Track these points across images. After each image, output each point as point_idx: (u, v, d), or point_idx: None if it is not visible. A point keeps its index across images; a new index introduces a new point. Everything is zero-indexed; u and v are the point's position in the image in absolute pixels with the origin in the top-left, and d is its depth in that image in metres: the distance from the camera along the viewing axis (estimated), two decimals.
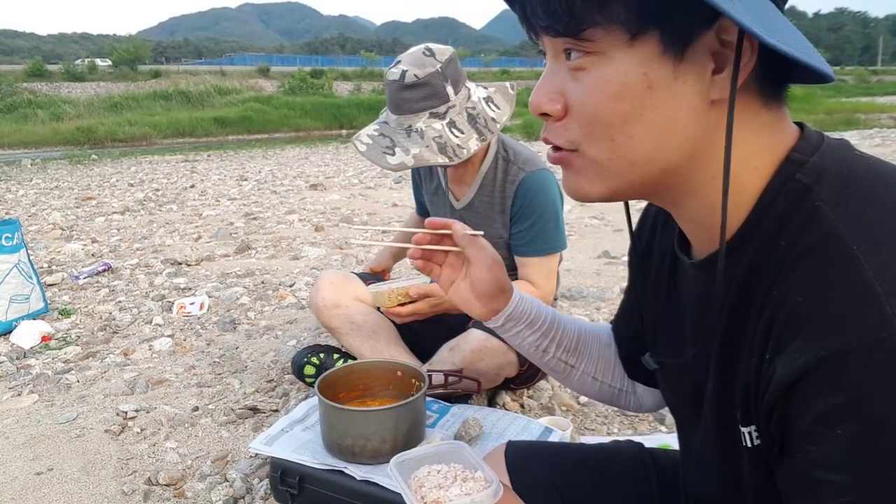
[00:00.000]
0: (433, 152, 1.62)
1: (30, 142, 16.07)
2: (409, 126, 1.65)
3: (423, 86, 1.62)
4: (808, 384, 0.47)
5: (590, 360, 0.89)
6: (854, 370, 0.45)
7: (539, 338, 0.88)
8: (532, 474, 0.80)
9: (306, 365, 1.97)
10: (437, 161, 1.62)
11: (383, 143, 1.66)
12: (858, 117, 18.27)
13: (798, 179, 0.53)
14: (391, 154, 1.64)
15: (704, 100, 0.52)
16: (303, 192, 6.72)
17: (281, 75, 31.23)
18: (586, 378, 0.90)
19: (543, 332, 0.88)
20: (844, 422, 0.46)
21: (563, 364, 0.90)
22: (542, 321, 0.88)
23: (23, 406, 2.07)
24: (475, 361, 1.68)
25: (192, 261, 3.84)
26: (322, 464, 1.36)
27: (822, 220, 0.50)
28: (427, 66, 1.63)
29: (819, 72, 0.50)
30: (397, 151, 1.64)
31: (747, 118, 0.53)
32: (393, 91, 1.65)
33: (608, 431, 1.84)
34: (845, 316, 0.46)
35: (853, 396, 0.45)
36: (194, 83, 26.08)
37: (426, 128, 1.64)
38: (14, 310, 2.73)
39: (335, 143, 14.58)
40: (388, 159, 1.64)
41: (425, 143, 1.62)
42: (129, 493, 1.57)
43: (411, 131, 1.64)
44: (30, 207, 6.13)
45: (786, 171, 0.54)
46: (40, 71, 28.82)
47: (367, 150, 1.67)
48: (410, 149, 1.62)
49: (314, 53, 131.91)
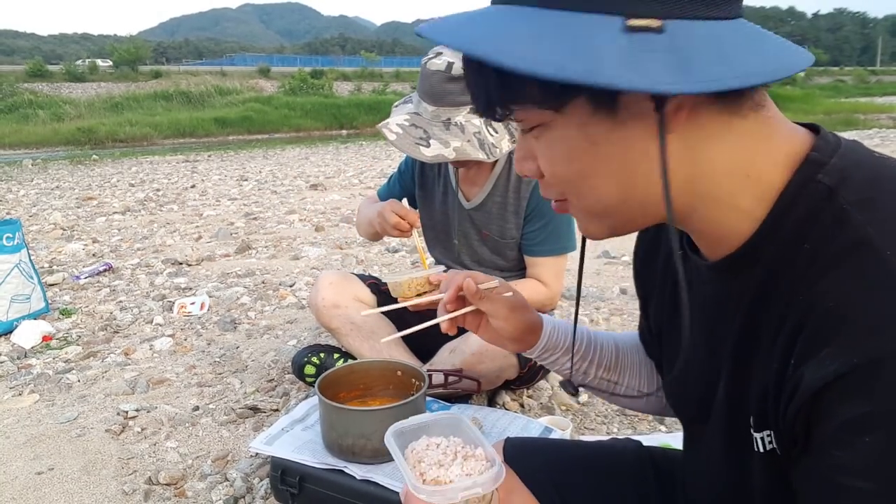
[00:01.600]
0: (474, 147, 1.62)
1: (31, 142, 16.08)
2: (447, 119, 1.63)
3: None
4: (839, 390, 0.47)
5: (632, 374, 0.89)
6: (886, 378, 0.44)
7: (577, 361, 0.89)
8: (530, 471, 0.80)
9: (306, 365, 1.98)
10: (477, 156, 1.61)
11: (416, 133, 1.64)
12: (857, 117, 18.28)
13: (820, 181, 0.52)
14: (425, 145, 1.61)
15: (655, 136, 0.52)
16: (303, 192, 6.73)
17: (281, 76, 31.25)
18: (631, 392, 0.89)
19: (581, 355, 0.88)
20: (875, 430, 0.45)
21: (606, 382, 0.89)
22: (578, 346, 0.88)
23: (23, 406, 2.07)
24: (475, 364, 1.69)
25: (193, 261, 3.84)
26: (322, 463, 1.36)
27: (852, 224, 0.49)
28: None
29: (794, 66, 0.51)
30: (433, 143, 1.61)
31: (715, 131, 0.53)
32: (436, 82, 1.62)
33: (608, 431, 1.84)
34: (879, 323, 0.45)
35: (885, 405, 0.45)
36: (195, 83, 26.08)
37: (466, 122, 1.63)
38: (15, 310, 2.73)
39: (335, 144, 14.59)
40: (423, 150, 1.61)
41: (466, 138, 1.61)
42: (130, 493, 1.57)
43: (450, 124, 1.62)
44: (31, 207, 6.13)
45: (806, 172, 0.53)
46: (41, 71, 28.82)
47: (397, 140, 1.64)
48: (451, 142, 1.61)
49: (314, 54, 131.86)
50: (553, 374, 2.08)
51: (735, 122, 0.53)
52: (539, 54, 0.47)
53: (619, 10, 0.47)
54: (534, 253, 1.82)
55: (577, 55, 0.47)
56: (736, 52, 0.49)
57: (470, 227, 1.92)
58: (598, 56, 0.46)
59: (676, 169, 0.53)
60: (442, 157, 1.60)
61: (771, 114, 0.55)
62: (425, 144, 1.61)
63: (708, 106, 0.52)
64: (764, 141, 0.54)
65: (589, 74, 0.46)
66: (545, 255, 1.81)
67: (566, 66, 0.46)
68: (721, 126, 0.53)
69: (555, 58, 0.47)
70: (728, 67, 0.48)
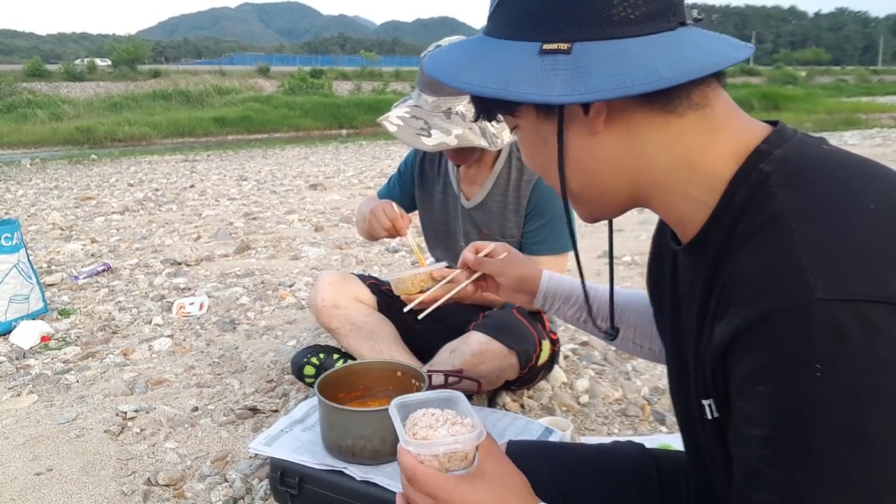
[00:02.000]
0: (476, 134, 1.61)
1: (29, 142, 16.06)
2: (448, 108, 1.62)
3: None
4: (739, 345, 0.53)
5: (628, 327, 0.99)
6: (775, 332, 0.50)
7: (577, 310, 1.05)
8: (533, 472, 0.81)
9: (306, 365, 1.97)
10: (480, 143, 1.61)
11: (416, 124, 1.63)
12: (859, 117, 18.28)
13: (760, 169, 0.58)
14: (426, 135, 1.61)
15: (591, 133, 0.62)
16: (302, 192, 6.72)
17: (281, 75, 31.23)
18: (628, 342, 1.01)
19: (580, 305, 1.04)
20: (766, 380, 0.50)
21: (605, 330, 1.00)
22: (578, 296, 1.05)
23: (22, 406, 2.06)
24: (476, 364, 1.68)
25: (192, 261, 3.83)
26: (322, 464, 1.35)
27: (773, 203, 0.55)
28: None
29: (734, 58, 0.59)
30: (434, 133, 1.60)
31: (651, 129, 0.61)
32: None
33: (609, 432, 1.84)
34: (772, 284, 0.51)
35: (774, 357, 0.50)
36: (194, 83, 26.08)
37: (467, 111, 1.62)
38: (13, 310, 2.73)
39: (335, 143, 14.58)
40: (424, 140, 1.60)
41: (468, 125, 1.61)
42: (129, 494, 1.57)
43: (451, 113, 1.62)
44: (29, 207, 6.12)
45: (752, 162, 0.59)
46: (39, 71, 28.81)
47: (398, 131, 1.63)
48: (452, 129, 1.60)
49: (314, 53, 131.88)
50: (553, 374, 2.07)
51: (673, 121, 0.60)
52: (473, 76, 0.61)
53: (537, 38, 0.59)
54: (534, 252, 1.82)
55: (496, 75, 0.60)
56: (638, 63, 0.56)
57: (470, 227, 1.91)
58: (511, 75, 0.59)
59: (619, 161, 0.63)
60: (444, 144, 1.59)
61: (716, 112, 0.61)
62: (426, 134, 1.61)
63: (637, 108, 0.60)
64: (706, 136, 0.60)
65: (501, 90, 0.59)
66: (545, 253, 1.81)
67: (487, 85, 0.60)
68: (657, 124, 0.60)
69: (482, 78, 0.61)
70: (625, 77, 0.56)
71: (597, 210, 0.70)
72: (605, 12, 0.57)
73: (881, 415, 0.47)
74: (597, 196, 0.67)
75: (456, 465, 0.68)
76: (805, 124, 16.13)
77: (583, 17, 0.57)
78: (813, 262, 0.50)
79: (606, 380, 2.16)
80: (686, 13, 0.60)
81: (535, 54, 0.59)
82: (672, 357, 0.76)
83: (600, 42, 0.57)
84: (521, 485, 0.68)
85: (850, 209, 0.52)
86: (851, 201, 0.53)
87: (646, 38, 0.57)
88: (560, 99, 0.57)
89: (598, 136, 0.62)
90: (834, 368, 0.47)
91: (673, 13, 0.58)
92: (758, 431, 0.52)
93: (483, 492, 0.65)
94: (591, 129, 0.61)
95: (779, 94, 23.57)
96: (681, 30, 0.59)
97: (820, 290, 0.48)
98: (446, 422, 0.71)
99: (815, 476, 0.49)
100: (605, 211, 0.70)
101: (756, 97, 22.70)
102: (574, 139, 0.63)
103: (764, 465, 0.51)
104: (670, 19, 0.58)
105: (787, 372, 0.49)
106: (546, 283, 1.08)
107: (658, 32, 0.58)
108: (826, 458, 0.48)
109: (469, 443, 0.68)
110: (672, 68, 0.56)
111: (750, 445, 0.53)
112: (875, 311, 0.47)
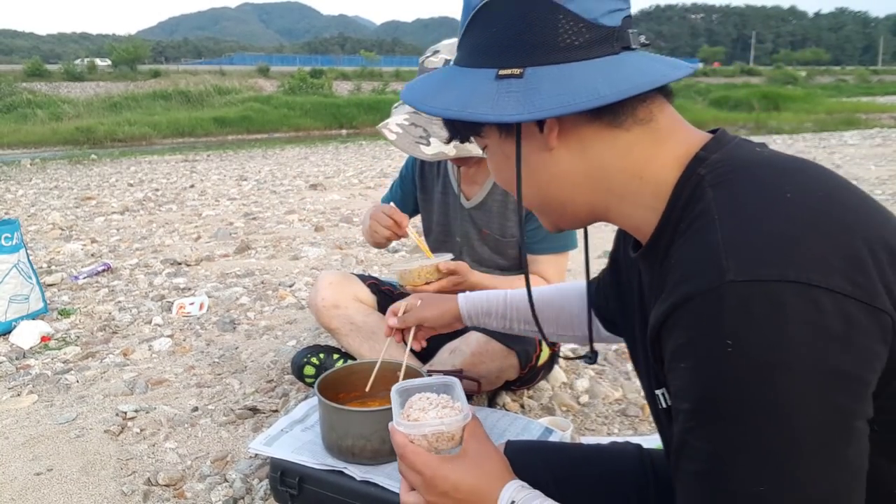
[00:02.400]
0: (473, 143, 1.61)
1: (29, 142, 16.03)
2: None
3: None
4: (667, 327, 0.58)
5: (549, 323, 1.10)
6: (693, 313, 0.55)
7: (499, 321, 1.18)
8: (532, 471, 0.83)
9: (306, 365, 1.97)
10: (479, 153, 1.60)
11: (416, 132, 1.63)
12: (859, 117, 18.27)
13: (698, 173, 0.63)
14: (426, 144, 1.61)
15: (546, 149, 0.68)
16: (303, 192, 6.72)
17: (280, 75, 31.19)
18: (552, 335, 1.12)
19: (500, 316, 1.17)
20: (688, 356, 0.55)
21: (529, 331, 1.17)
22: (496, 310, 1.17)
23: (22, 406, 2.06)
24: (476, 364, 1.68)
25: (192, 261, 3.83)
26: (322, 464, 1.35)
27: (703, 200, 0.60)
28: None
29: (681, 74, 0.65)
30: (433, 141, 1.60)
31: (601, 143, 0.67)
32: None
33: (608, 432, 1.84)
34: (693, 269, 0.56)
35: (692, 335, 0.55)
36: (194, 83, 26.05)
37: None
38: (13, 310, 2.73)
39: (335, 143, 14.57)
40: (423, 149, 1.60)
41: None
42: (129, 494, 1.57)
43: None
44: (29, 207, 6.12)
45: (690, 168, 0.64)
46: (39, 71, 28.77)
47: (398, 140, 1.62)
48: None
49: (314, 53, 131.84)
50: (553, 374, 2.08)
51: (620, 135, 0.66)
52: (437, 101, 0.69)
53: (494, 65, 0.66)
54: (535, 251, 1.82)
55: (458, 99, 0.67)
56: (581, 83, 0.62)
57: (470, 227, 1.91)
58: (471, 98, 0.66)
59: (574, 174, 0.69)
60: (443, 154, 1.59)
61: (661, 125, 0.67)
62: (426, 143, 1.60)
63: (587, 125, 0.66)
64: (652, 147, 0.66)
65: (460, 112, 0.66)
66: (546, 252, 1.81)
67: (449, 107, 0.67)
68: (607, 139, 0.66)
69: (445, 102, 0.68)
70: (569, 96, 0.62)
71: (559, 220, 0.76)
72: (552, 40, 0.63)
73: (789, 387, 0.50)
74: (557, 207, 0.73)
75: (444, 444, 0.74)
76: (805, 124, 16.14)
77: (533, 44, 0.64)
78: (728, 248, 0.54)
79: (606, 380, 2.16)
80: (632, 39, 0.66)
81: (493, 79, 0.66)
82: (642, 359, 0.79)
83: (549, 66, 0.64)
84: (499, 464, 0.74)
85: (767, 199, 0.57)
86: (770, 192, 0.58)
87: (590, 61, 0.64)
88: (512, 118, 0.64)
89: (554, 152, 0.68)
90: (744, 344, 0.51)
91: (616, 39, 0.65)
92: (684, 405, 0.56)
93: (463, 471, 0.72)
94: (546, 146, 0.68)
95: (779, 95, 23.51)
96: (624, 53, 0.65)
97: (732, 272, 0.52)
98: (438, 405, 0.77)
99: (732, 443, 0.53)
100: (568, 222, 0.76)
101: (756, 97, 22.68)
102: (532, 155, 0.69)
103: (690, 436, 0.56)
104: (614, 44, 0.65)
105: (703, 349, 0.54)
106: (464, 305, 1.20)
107: (602, 56, 0.64)
108: (740, 427, 0.52)
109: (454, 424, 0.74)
110: (611, 87, 0.62)
111: (679, 419, 0.57)
112: (783, 289, 0.51)
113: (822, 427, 0.51)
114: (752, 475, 0.52)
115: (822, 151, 8.74)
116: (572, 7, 0.63)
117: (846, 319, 0.51)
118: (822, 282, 0.51)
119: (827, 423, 0.51)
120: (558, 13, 0.63)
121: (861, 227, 0.55)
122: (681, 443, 0.57)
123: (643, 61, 0.65)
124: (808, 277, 0.51)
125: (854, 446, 0.52)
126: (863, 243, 0.54)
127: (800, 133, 13.16)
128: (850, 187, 0.61)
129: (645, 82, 0.63)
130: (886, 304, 0.52)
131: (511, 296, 1.17)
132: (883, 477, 0.57)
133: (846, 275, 0.52)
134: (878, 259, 0.54)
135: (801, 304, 0.51)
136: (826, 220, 0.55)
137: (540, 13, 0.64)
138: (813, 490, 0.52)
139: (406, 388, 0.80)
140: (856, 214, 0.57)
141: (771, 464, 0.52)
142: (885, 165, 7.20)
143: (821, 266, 0.52)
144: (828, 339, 0.50)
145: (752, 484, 0.52)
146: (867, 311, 0.51)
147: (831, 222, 0.55)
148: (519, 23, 0.64)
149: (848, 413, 0.52)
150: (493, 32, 0.66)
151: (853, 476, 0.53)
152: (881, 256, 0.54)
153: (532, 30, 0.64)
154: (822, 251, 0.53)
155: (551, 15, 0.63)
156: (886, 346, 0.53)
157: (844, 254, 0.53)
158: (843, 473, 0.52)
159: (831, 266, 0.52)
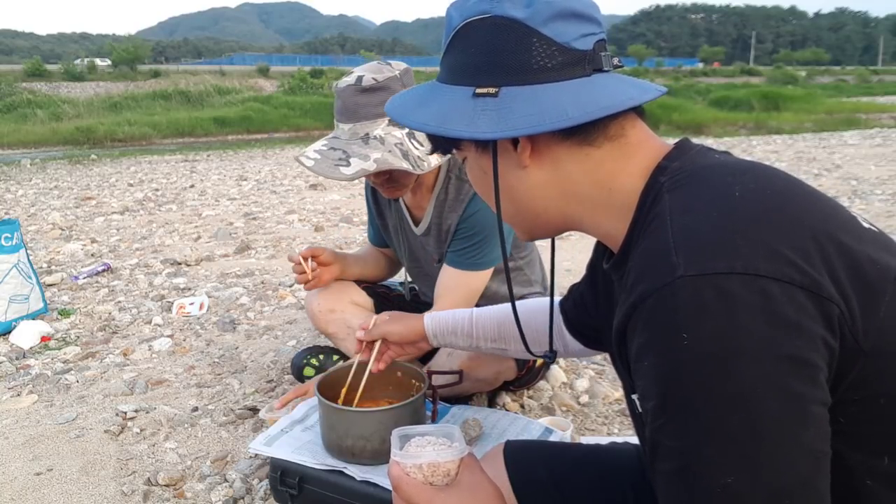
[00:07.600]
0: (397, 157, 1.52)
1: (29, 142, 16.02)
2: (366, 134, 1.54)
3: (381, 90, 1.52)
4: (629, 328, 0.60)
5: (515, 340, 1.10)
6: (649, 311, 0.56)
7: (465, 339, 1.21)
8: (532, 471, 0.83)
9: (306, 366, 1.97)
10: (401, 165, 1.51)
11: (334, 155, 1.53)
12: (859, 117, 18.27)
13: (660, 181, 0.66)
14: (345, 165, 1.51)
15: (520, 166, 0.72)
16: (302, 192, 6.72)
17: (280, 75, 31.20)
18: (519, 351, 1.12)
19: (465, 335, 1.20)
20: (648, 355, 0.56)
21: (496, 349, 1.19)
22: (462, 329, 1.20)
23: (22, 406, 2.06)
24: (473, 367, 1.68)
25: (192, 261, 3.83)
26: (322, 464, 1.36)
27: (660, 203, 0.63)
28: (385, 71, 1.57)
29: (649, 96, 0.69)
30: (353, 161, 1.51)
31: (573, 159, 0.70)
32: (347, 96, 1.55)
33: (608, 432, 1.84)
34: (647, 268, 0.58)
35: (650, 332, 0.56)
36: (194, 83, 26.06)
37: (386, 135, 1.54)
38: (13, 310, 2.73)
39: None
40: (343, 170, 1.50)
41: (387, 148, 1.52)
42: (129, 494, 1.57)
43: (369, 139, 1.53)
44: (29, 207, 6.12)
45: (655, 177, 0.67)
46: (39, 71, 28.77)
47: (315, 165, 1.52)
48: (371, 154, 1.51)
49: (314, 53, 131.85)
50: (553, 374, 2.08)
51: (591, 151, 0.70)
52: (417, 115, 0.72)
53: (472, 83, 0.69)
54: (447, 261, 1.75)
55: (436, 115, 0.70)
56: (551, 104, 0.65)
57: (422, 255, 1.87)
58: (448, 115, 0.69)
59: (547, 188, 0.72)
60: (363, 170, 1.50)
61: (631, 140, 0.70)
62: (345, 164, 1.51)
63: (560, 143, 0.69)
64: (621, 161, 0.70)
65: (438, 127, 0.70)
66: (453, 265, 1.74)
67: (428, 123, 0.71)
68: (578, 156, 0.70)
69: (424, 117, 0.71)
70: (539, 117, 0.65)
71: (533, 230, 0.80)
72: (526, 62, 0.67)
73: (745, 375, 0.51)
74: (531, 218, 0.77)
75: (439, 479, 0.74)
76: (805, 124, 16.13)
77: (508, 66, 0.67)
78: (678, 245, 0.56)
79: (606, 380, 2.16)
80: (604, 62, 0.69)
81: (470, 97, 0.69)
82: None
83: (523, 87, 0.67)
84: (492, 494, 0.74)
85: (716, 198, 0.60)
86: (720, 191, 0.60)
87: (562, 83, 0.67)
88: (485, 135, 0.67)
89: (528, 169, 0.72)
90: (698, 337, 0.52)
91: (588, 62, 0.68)
92: (650, 404, 0.57)
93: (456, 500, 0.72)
94: (520, 163, 0.71)
95: (779, 95, 23.47)
96: (596, 76, 0.68)
97: (682, 267, 0.54)
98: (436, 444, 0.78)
99: (697, 437, 0.53)
100: (541, 231, 0.79)
101: (756, 97, 22.65)
102: (507, 170, 0.73)
103: (659, 435, 0.56)
104: (585, 67, 0.68)
105: (660, 344, 0.55)
106: (429, 324, 1.23)
107: (574, 78, 0.67)
108: (701, 420, 0.53)
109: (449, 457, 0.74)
110: (578, 109, 0.65)
111: (647, 419, 0.57)
112: (731, 281, 0.53)
113: (779, 413, 0.52)
114: (719, 467, 0.53)
115: (823, 151, 8.73)
116: (546, 31, 0.67)
117: (795, 307, 0.52)
118: (770, 272, 0.53)
119: (784, 410, 0.52)
120: (532, 37, 0.67)
121: (808, 221, 0.57)
122: (653, 443, 0.58)
123: (613, 84, 0.68)
124: (755, 268, 0.53)
125: (812, 430, 0.53)
126: (809, 235, 0.56)
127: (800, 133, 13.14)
128: (798, 184, 0.63)
129: (612, 104, 0.66)
130: (833, 293, 0.54)
131: (477, 315, 1.19)
132: (853, 468, 0.58)
133: (793, 264, 0.53)
134: (825, 250, 0.55)
135: (751, 294, 0.52)
136: (773, 214, 0.57)
137: (515, 36, 0.67)
138: (777, 476, 0.52)
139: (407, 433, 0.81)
140: (802, 209, 0.59)
141: (734, 453, 0.52)
142: (885, 165, 7.19)
143: (768, 257, 0.53)
144: (778, 326, 0.52)
145: (721, 476, 0.52)
146: (814, 300, 0.53)
147: (778, 216, 0.57)
148: (495, 44, 0.68)
149: (803, 398, 0.52)
150: (472, 53, 0.69)
151: (816, 461, 0.53)
152: (828, 248, 0.55)
153: (507, 52, 0.67)
154: (768, 243, 0.54)
155: (526, 38, 0.67)
156: (835, 336, 0.54)
157: (791, 245, 0.55)
158: (805, 459, 0.53)
159: (778, 257, 0.54)
